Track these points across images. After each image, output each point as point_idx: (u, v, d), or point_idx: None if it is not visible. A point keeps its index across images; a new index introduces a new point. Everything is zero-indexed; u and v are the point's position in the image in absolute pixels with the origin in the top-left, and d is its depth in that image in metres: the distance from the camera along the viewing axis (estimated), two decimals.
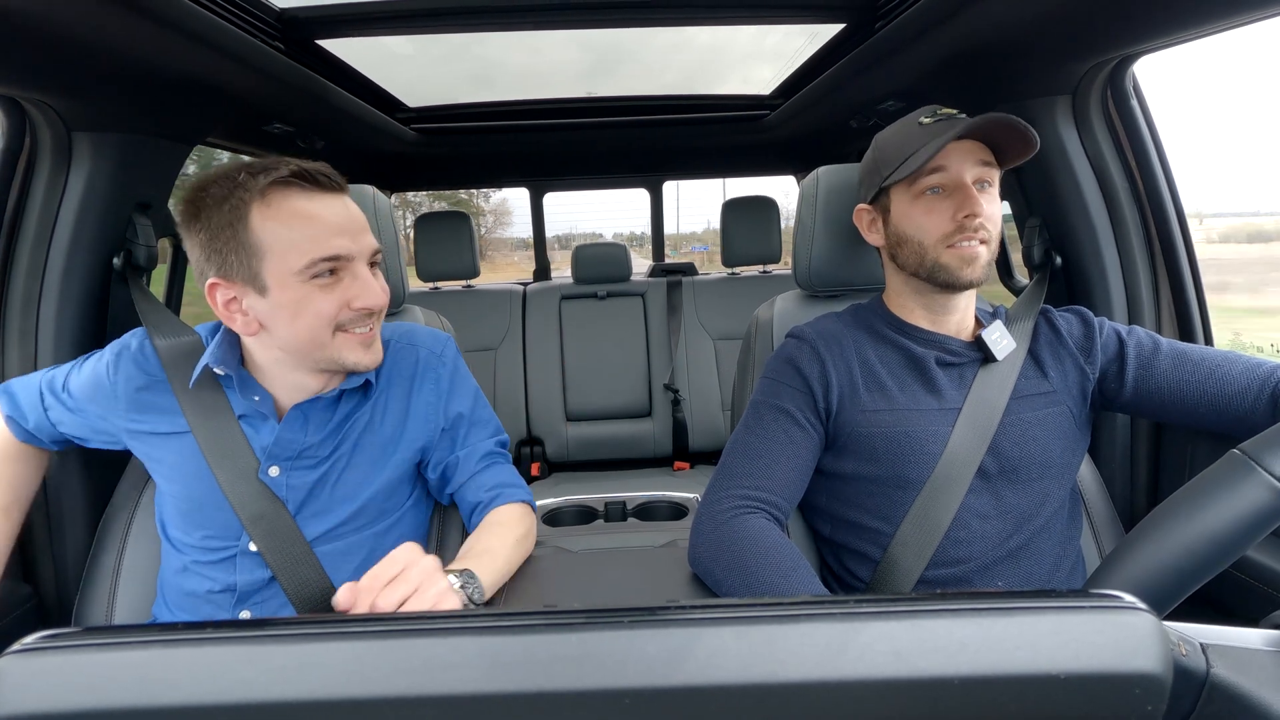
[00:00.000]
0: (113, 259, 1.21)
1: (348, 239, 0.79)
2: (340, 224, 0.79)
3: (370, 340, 0.83)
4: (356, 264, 0.80)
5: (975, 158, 0.88)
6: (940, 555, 0.87)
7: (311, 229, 0.76)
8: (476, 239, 2.43)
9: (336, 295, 0.78)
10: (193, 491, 0.85)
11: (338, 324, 0.80)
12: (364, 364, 0.83)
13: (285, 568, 0.84)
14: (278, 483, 0.86)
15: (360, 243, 0.80)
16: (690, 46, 1.82)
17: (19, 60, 0.94)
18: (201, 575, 0.86)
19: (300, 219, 0.76)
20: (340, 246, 0.78)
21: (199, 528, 0.86)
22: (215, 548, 0.86)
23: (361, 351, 0.82)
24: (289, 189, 0.77)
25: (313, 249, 0.76)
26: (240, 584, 0.85)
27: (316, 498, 0.87)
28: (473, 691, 0.28)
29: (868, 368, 0.94)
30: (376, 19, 1.31)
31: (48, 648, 0.29)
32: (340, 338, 0.80)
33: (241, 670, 0.28)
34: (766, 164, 2.91)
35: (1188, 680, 0.35)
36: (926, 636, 0.28)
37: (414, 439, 0.93)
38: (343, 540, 0.88)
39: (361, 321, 0.81)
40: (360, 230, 0.81)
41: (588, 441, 2.35)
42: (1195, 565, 0.54)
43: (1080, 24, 0.99)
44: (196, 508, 0.86)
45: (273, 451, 0.86)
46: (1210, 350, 0.90)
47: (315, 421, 0.87)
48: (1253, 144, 15.69)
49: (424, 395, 0.94)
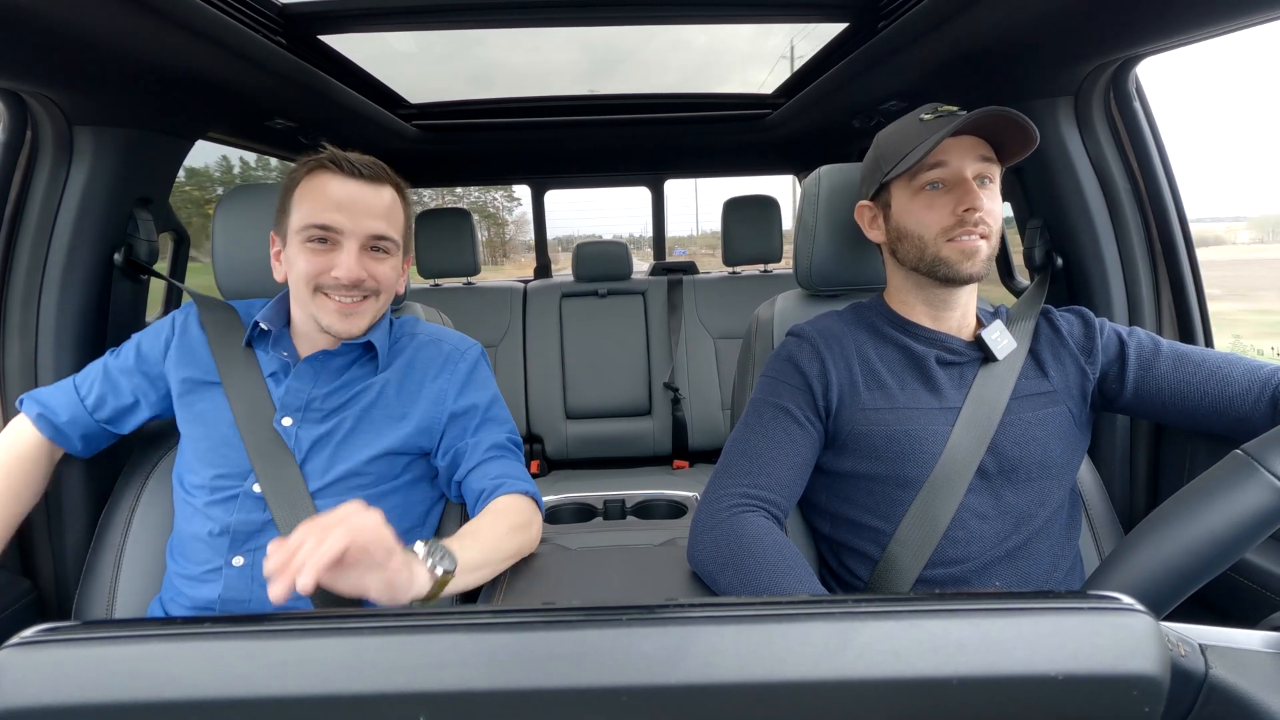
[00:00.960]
0: (114, 254, 1.21)
1: (344, 216, 0.89)
2: (343, 202, 0.89)
3: (349, 311, 0.91)
4: (348, 239, 0.90)
5: (975, 153, 0.88)
6: (939, 555, 0.87)
7: (318, 201, 0.89)
8: (479, 238, 2.43)
9: (319, 261, 0.89)
10: (213, 432, 0.94)
11: (317, 285, 0.90)
12: (335, 328, 0.92)
13: (283, 511, 0.89)
14: (289, 432, 0.94)
15: (357, 223, 0.90)
16: (689, 47, 1.83)
17: (21, 54, 0.94)
18: (205, 516, 0.92)
19: (316, 191, 0.90)
20: (333, 220, 0.89)
21: (211, 466, 0.93)
22: (222, 486, 0.92)
23: (335, 317, 0.91)
24: (326, 170, 0.91)
25: (311, 215, 0.89)
26: (236, 525, 0.90)
27: (320, 452, 0.94)
28: (471, 688, 0.28)
29: (868, 366, 0.94)
30: (377, 14, 1.31)
31: (47, 641, 0.29)
32: (320, 299, 0.91)
33: (240, 665, 0.28)
34: (768, 163, 2.91)
35: (1186, 681, 0.35)
36: (925, 637, 0.29)
37: (418, 418, 0.97)
38: (338, 496, 0.92)
39: (342, 291, 0.90)
40: (364, 214, 0.90)
41: (587, 439, 2.35)
42: (1197, 565, 0.54)
43: (1083, 25, 0.99)
44: (213, 446, 0.94)
45: (285, 401, 0.95)
46: (1211, 352, 0.90)
47: (323, 376, 0.97)
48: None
49: (438, 383, 1.00)
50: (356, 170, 0.91)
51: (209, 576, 0.90)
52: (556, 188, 3.01)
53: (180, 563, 0.93)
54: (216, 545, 0.90)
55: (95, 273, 1.20)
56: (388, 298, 0.96)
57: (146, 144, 1.22)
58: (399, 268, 0.97)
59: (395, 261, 0.96)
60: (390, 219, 0.93)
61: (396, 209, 0.95)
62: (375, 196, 0.92)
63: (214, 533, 0.90)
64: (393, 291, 0.97)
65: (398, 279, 0.97)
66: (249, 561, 0.90)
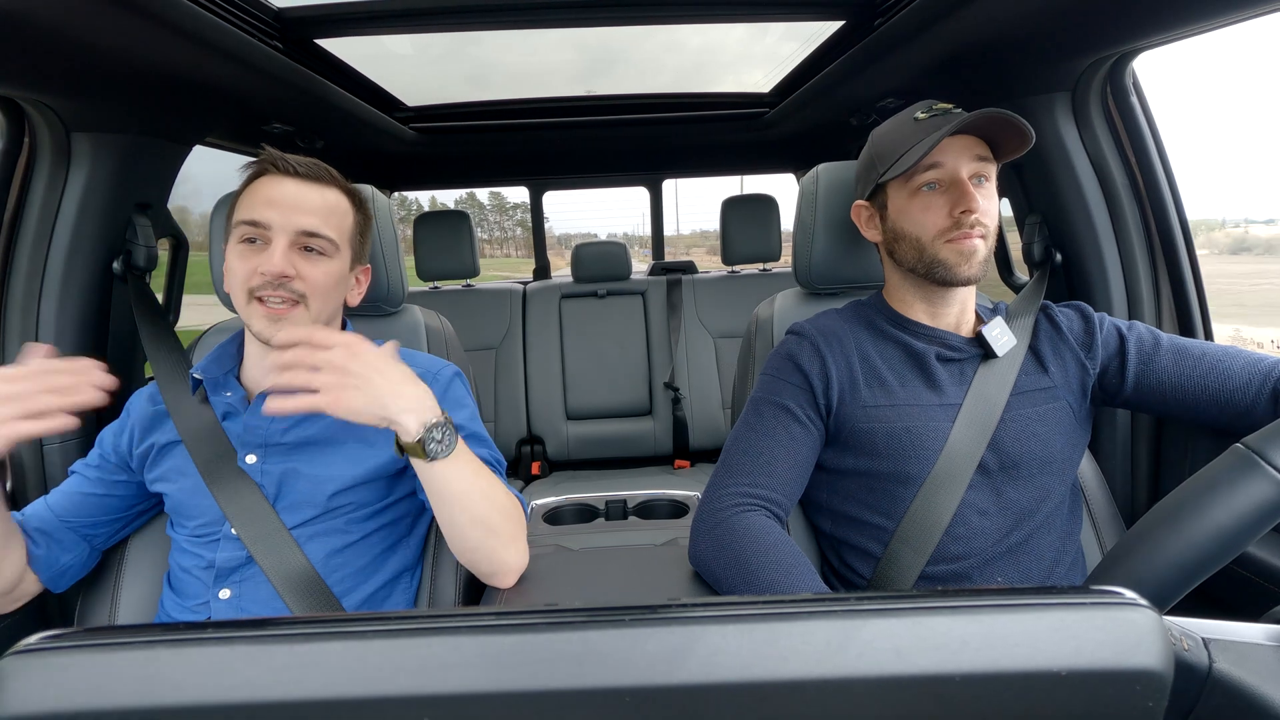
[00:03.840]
0: (112, 260, 1.21)
1: (275, 211, 0.86)
2: (274, 199, 0.87)
3: (275, 316, 0.87)
4: (276, 234, 0.86)
5: (971, 153, 0.88)
6: (940, 551, 0.87)
7: (251, 199, 0.87)
8: (477, 240, 2.43)
9: (250, 262, 0.86)
10: (183, 486, 0.93)
11: (251, 289, 0.86)
12: (264, 334, 0.87)
13: (262, 549, 0.88)
14: (254, 469, 0.92)
15: (288, 218, 0.86)
16: (683, 48, 1.83)
17: (18, 60, 0.93)
18: (192, 554, 0.92)
19: (252, 193, 0.88)
20: (261, 215, 0.86)
21: (189, 517, 0.93)
22: (203, 533, 0.92)
23: (265, 323, 0.87)
24: (266, 173, 0.89)
25: (241, 212, 0.87)
26: (219, 561, 0.90)
27: (292, 487, 0.91)
28: (475, 690, 0.28)
29: (868, 363, 0.94)
30: (373, 18, 1.31)
31: (49, 648, 0.29)
32: (254, 305, 0.87)
33: (243, 670, 0.28)
34: (766, 162, 2.91)
35: (1190, 675, 0.35)
36: (928, 634, 0.28)
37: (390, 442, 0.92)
38: (322, 524, 0.91)
39: (269, 292, 0.86)
40: (295, 209, 0.87)
41: (588, 440, 2.35)
42: (1199, 559, 0.54)
43: (1080, 20, 0.99)
44: (186, 499, 0.92)
45: (244, 439, 0.93)
46: (1210, 345, 0.90)
47: None
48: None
49: None
50: (292, 169, 0.88)
51: (199, 609, 0.90)
52: (555, 189, 3.01)
53: (172, 595, 0.94)
54: (203, 577, 0.90)
55: (94, 279, 1.20)
56: (322, 307, 0.89)
57: (144, 150, 1.22)
58: (337, 274, 0.90)
59: (332, 266, 0.89)
60: (328, 219, 0.88)
61: (340, 212, 0.91)
62: (312, 194, 0.88)
63: (199, 566, 0.91)
64: (330, 301, 0.91)
65: (336, 287, 0.91)
66: (236, 594, 0.89)
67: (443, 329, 1.24)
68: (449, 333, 1.24)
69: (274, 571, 0.88)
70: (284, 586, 0.87)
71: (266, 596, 0.88)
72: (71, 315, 1.17)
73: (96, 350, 1.22)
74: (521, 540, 0.90)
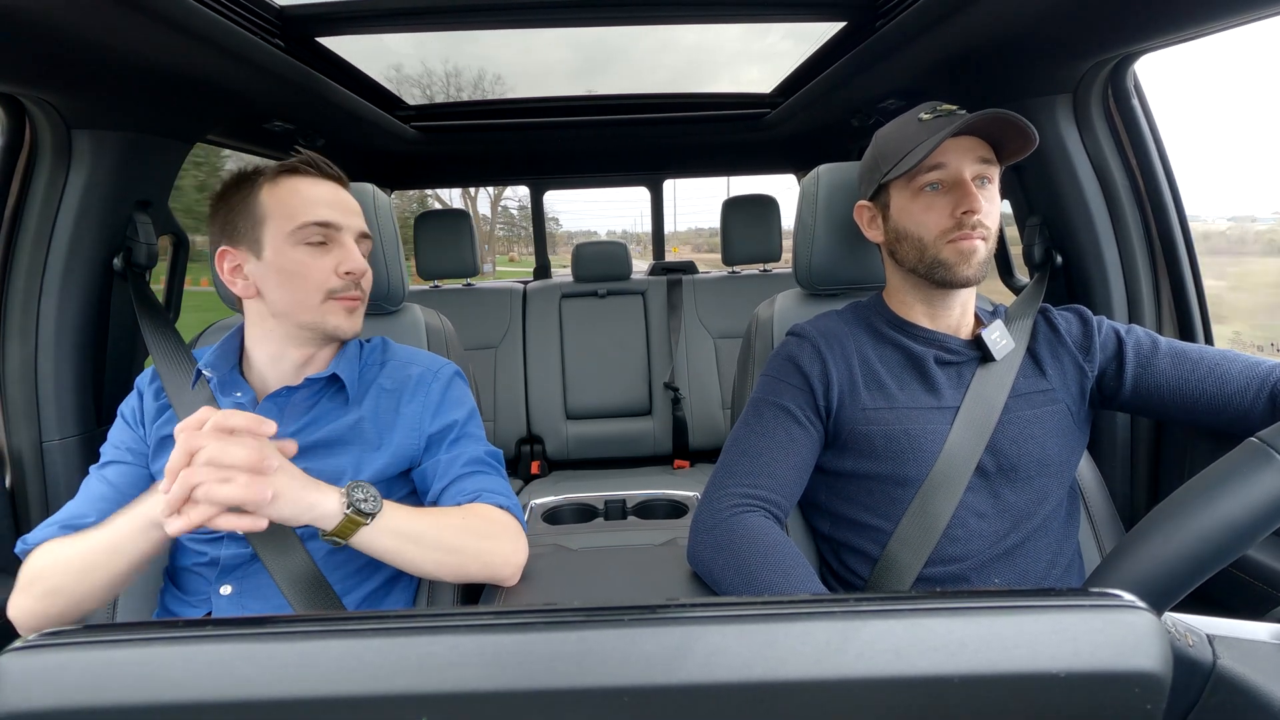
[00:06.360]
0: (113, 257, 1.21)
1: (337, 212, 0.90)
2: (331, 200, 0.90)
3: (354, 308, 0.92)
4: (344, 235, 0.90)
5: (974, 154, 0.88)
6: (938, 553, 0.87)
7: (306, 200, 0.89)
8: (478, 238, 2.43)
9: (328, 260, 0.89)
10: None
11: (329, 290, 0.89)
12: (344, 329, 0.91)
13: (266, 547, 0.88)
14: None
15: (349, 220, 0.91)
16: (678, 47, 1.82)
17: (19, 57, 0.93)
18: (193, 549, 0.92)
19: (298, 193, 0.89)
20: (329, 215, 0.89)
21: None
22: (207, 533, 0.90)
23: (344, 316, 0.90)
24: (295, 174, 0.90)
25: (305, 214, 0.88)
26: (223, 558, 0.90)
27: None
28: (473, 689, 0.28)
29: (867, 366, 0.94)
30: (374, 16, 1.31)
31: (49, 645, 0.29)
32: (330, 304, 0.89)
33: (242, 667, 0.28)
34: (767, 162, 2.91)
35: (1193, 671, 0.35)
36: (926, 635, 0.29)
37: (395, 446, 0.93)
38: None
39: (350, 287, 0.90)
40: (350, 211, 0.92)
41: (588, 440, 2.35)
42: (1211, 552, 0.54)
43: (1081, 22, 0.99)
44: None
45: None
46: (1209, 349, 0.90)
47: (290, 412, 0.93)
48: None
49: (412, 407, 0.96)
50: (332, 171, 0.93)
51: (200, 605, 0.90)
52: (555, 188, 3.01)
53: (173, 590, 0.94)
54: (205, 573, 0.90)
55: (95, 276, 1.20)
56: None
57: (145, 147, 1.22)
58: None
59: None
60: (365, 219, 0.95)
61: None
62: (349, 196, 0.94)
63: (200, 563, 0.90)
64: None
65: None
66: (237, 590, 0.89)
67: (443, 328, 1.24)
68: (449, 331, 1.24)
69: (278, 569, 0.87)
70: (287, 584, 0.87)
71: (268, 593, 0.88)
72: (72, 312, 1.17)
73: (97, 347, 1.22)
74: (509, 540, 0.89)
